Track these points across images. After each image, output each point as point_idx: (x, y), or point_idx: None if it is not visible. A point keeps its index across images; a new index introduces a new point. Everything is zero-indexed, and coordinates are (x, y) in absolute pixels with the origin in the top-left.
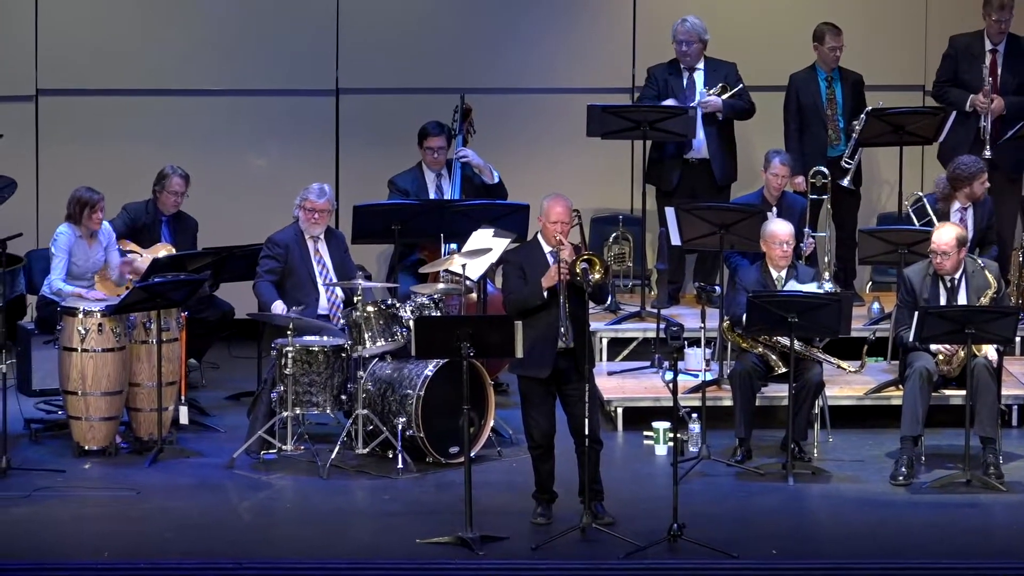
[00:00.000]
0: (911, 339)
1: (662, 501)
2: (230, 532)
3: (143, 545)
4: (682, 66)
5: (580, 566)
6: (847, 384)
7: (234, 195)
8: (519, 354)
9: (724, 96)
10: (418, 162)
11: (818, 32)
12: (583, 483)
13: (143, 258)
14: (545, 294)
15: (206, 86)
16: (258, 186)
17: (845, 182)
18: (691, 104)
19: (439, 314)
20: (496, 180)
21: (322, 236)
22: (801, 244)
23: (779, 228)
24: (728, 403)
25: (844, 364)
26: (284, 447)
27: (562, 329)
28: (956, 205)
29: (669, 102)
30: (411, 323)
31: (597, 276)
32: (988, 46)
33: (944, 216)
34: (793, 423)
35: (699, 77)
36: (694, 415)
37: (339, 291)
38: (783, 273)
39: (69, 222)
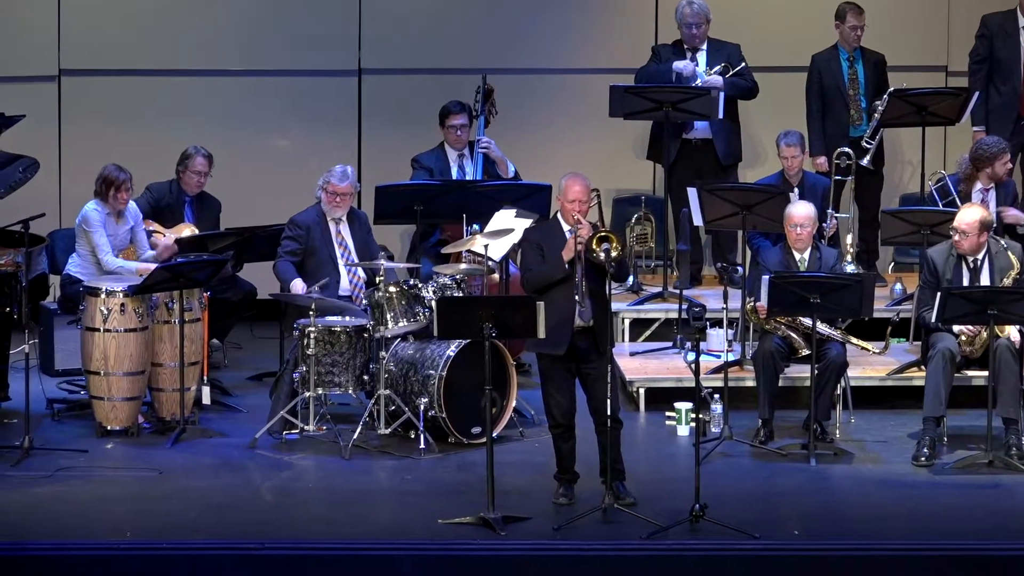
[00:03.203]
0: (934, 320)
1: (684, 482)
2: (252, 512)
3: (165, 525)
4: (686, 47)
5: (602, 546)
6: (869, 365)
7: (256, 176)
8: (541, 334)
9: (727, 75)
10: (440, 142)
11: (840, 11)
12: (604, 463)
13: (166, 238)
14: (567, 267)
15: (229, 66)
16: (281, 166)
17: (865, 162)
18: (691, 85)
19: (461, 294)
20: (511, 174)
21: (344, 218)
22: (824, 224)
23: (795, 210)
24: (750, 383)
25: (868, 345)
26: (306, 427)
27: (577, 297)
28: (978, 186)
29: (679, 64)
30: (433, 303)
31: (615, 253)
32: (1022, 23)
33: (966, 197)
34: (816, 403)
35: (701, 57)
36: (716, 396)
37: (361, 272)
38: (806, 255)
39: (97, 199)
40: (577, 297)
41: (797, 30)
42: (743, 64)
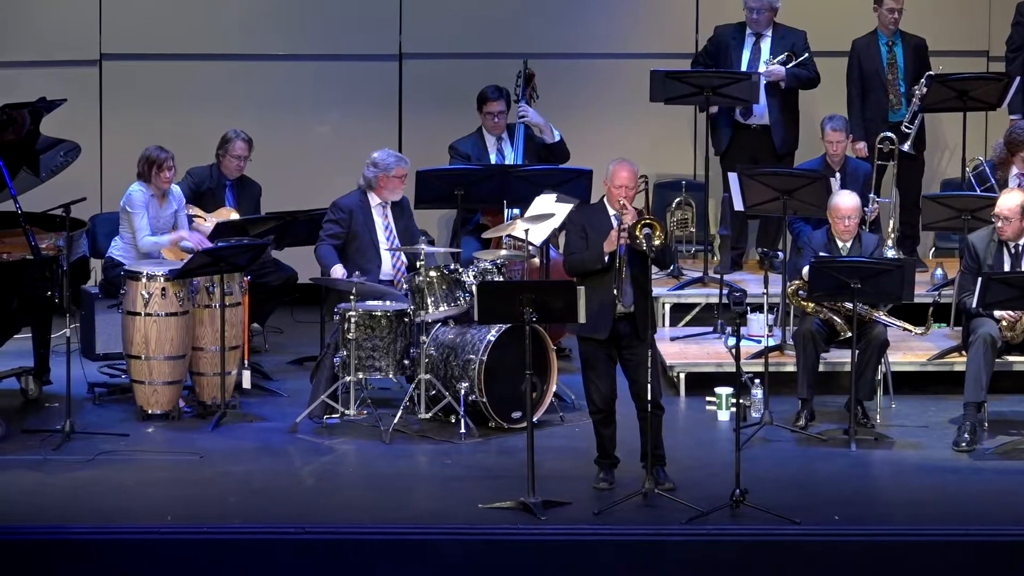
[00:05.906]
0: (974, 305)
1: (724, 467)
2: (293, 496)
3: (206, 509)
4: (749, 31)
5: (642, 531)
6: (910, 350)
7: (297, 160)
8: (582, 320)
9: (789, 65)
10: (478, 127)
11: None
12: (645, 448)
13: (207, 222)
14: (606, 259)
15: (269, 51)
16: (321, 151)
17: (906, 147)
18: (754, 71)
19: (502, 279)
20: (557, 139)
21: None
22: (865, 209)
23: (843, 202)
24: (791, 369)
25: (909, 326)
26: (347, 412)
27: (615, 290)
28: (1014, 171)
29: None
30: (474, 288)
31: (658, 241)
32: None
33: (1003, 183)
34: (857, 382)
35: (766, 44)
36: (757, 381)
37: (402, 256)
38: (848, 243)
39: (140, 180)
40: (615, 286)
41: (838, 15)
42: (807, 55)
